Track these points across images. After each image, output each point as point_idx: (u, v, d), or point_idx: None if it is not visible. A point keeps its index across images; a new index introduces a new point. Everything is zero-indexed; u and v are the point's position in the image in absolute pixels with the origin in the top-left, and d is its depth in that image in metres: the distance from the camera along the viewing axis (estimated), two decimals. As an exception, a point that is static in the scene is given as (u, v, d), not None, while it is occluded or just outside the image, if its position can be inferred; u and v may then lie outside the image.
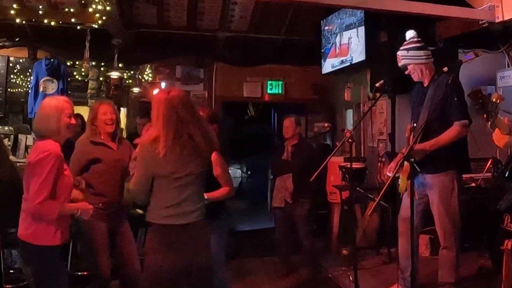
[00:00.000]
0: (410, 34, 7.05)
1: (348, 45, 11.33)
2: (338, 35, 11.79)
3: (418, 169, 6.15)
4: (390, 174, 6.46)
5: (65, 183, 5.52)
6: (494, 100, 4.42)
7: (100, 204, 6.34)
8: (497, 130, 4.71)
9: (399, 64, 6.88)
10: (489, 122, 4.44)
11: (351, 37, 11.17)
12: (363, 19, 10.57)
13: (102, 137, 6.59)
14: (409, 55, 6.75)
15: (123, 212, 6.69)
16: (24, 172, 5.49)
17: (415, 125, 6.56)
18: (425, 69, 6.80)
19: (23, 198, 5.43)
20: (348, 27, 11.33)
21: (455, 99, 6.39)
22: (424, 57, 6.78)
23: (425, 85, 6.87)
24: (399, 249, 7.09)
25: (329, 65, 12.38)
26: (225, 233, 6.54)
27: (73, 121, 5.65)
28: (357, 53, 10.91)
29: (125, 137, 9.89)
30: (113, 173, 6.54)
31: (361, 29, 10.70)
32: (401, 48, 6.93)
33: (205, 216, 5.20)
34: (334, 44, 12.09)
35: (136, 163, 5.21)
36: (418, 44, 6.85)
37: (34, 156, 5.30)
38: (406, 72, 6.91)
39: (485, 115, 4.45)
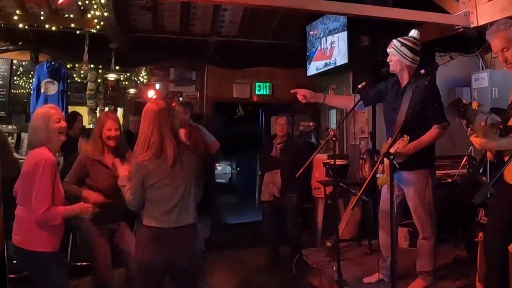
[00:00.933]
0: (413, 33, 6.96)
1: (331, 49, 11.31)
2: (322, 39, 11.78)
3: (397, 166, 6.17)
4: (379, 175, 6.47)
5: (59, 195, 5.49)
6: (473, 107, 4.43)
7: (98, 208, 6.24)
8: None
9: (388, 49, 6.80)
10: (470, 129, 4.44)
11: (334, 41, 11.16)
12: (346, 24, 10.57)
13: (104, 151, 6.59)
14: (400, 50, 6.67)
15: (119, 213, 6.63)
16: (19, 181, 5.44)
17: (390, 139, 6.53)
18: (406, 70, 6.73)
19: (18, 205, 5.37)
20: (332, 32, 11.32)
21: (435, 103, 6.42)
22: (410, 59, 6.69)
23: (402, 85, 6.83)
24: (380, 240, 7.14)
25: (313, 68, 12.38)
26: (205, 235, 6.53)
27: (63, 124, 5.63)
28: (340, 56, 10.90)
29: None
30: (106, 186, 6.48)
31: (344, 34, 10.70)
32: (399, 39, 6.82)
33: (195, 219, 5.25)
34: (318, 48, 12.09)
35: (130, 175, 5.24)
36: (413, 46, 6.75)
37: (30, 164, 5.25)
38: (388, 59, 6.82)
39: (465, 121, 4.46)
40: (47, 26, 10.24)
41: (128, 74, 13.11)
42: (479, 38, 9.61)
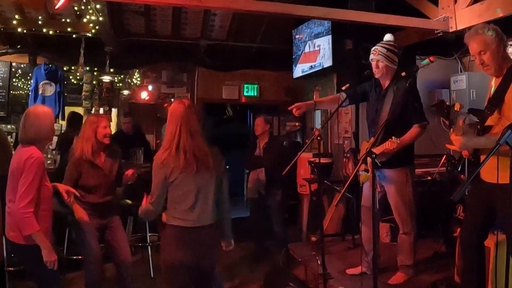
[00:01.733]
0: (389, 36, 7.08)
1: (316, 52, 11.29)
2: (308, 43, 11.75)
3: (379, 164, 6.16)
4: (361, 173, 6.48)
5: (46, 195, 5.43)
6: (456, 109, 4.44)
7: (89, 206, 6.40)
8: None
9: (373, 57, 6.78)
10: (452, 129, 4.43)
11: (319, 45, 11.13)
12: (330, 28, 10.54)
13: (96, 161, 6.56)
14: (386, 54, 6.69)
15: (112, 208, 6.64)
16: (9, 177, 5.38)
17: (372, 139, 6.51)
18: (391, 72, 6.78)
19: (9, 201, 5.30)
20: (317, 36, 11.29)
21: (415, 103, 6.46)
22: (396, 62, 6.79)
23: (384, 87, 6.87)
24: (363, 235, 7.16)
25: (299, 70, 12.35)
26: None
27: (55, 127, 5.65)
28: (325, 59, 10.87)
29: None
30: (100, 185, 6.52)
31: (329, 38, 10.68)
32: (380, 44, 6.86)
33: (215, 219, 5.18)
34: (303, 51, 12.06)
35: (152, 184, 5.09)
36: (395, 49, 6.83)
37: (20, 162, 5.17)
38: (373, 66, 6.82)
39: (447, 122, 4.46)
40: (44, 30, 10.31)
41: (122, 76, 13.10)
42: (458, 42, 9.60)
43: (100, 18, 9.95)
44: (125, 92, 13.25)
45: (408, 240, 6.78)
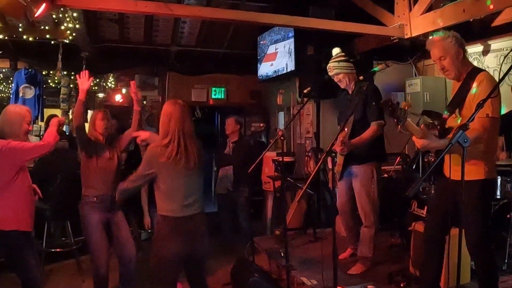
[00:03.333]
0: (336, 50, 7.11)
1: (280, 57, 11.27)
2: (272, 48, 11.73)
3: (336, 160, 6.52)
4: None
5: (25, 182, 5.49)
6: (402, 107, 4.43)
7: (94, 198, 6.32)
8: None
9: (331, 74, 6.95)
10: (399, 126, 4.42)
11: (282, 50, 11.11)
12: (293, 35, 10.52)
13: (99, 138, 6.55)
14: (341, 66, 6.86)
15: (116, 203, 6.49)
16: None
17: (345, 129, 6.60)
18: (352, 78, 6.94)
19: None
20: (280, 42, 11.27)
21: (373, 103, 6.53)
22: (351, 67, 6.93)
23: (350, 92, 7.02)
24: (342, 224, 7.59)
25: (264, 74, 12.31)
26: None
27: (30, 127, 5.67)
28: (288, 64, 10.85)
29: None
30: (106, 169, 6.44)
31: (291, 44, 10.64)
32: (332, 60, 6.99)
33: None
34: (268, 56, 12.04)
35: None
36: (346, 57, 6.97)
37: None
38: (336, 80, 7.01)
39: (395, 120, 4.46)
40: (25, 36, 10.25)
41: (97, 80, 13.13)
42: (413, 47, 9.72)
43: (77, 26, 9.99)
44: (100, 95, 13.34)
45: (369, 233, 6.87)
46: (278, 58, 11.45)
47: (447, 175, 4.88)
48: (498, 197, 6.54)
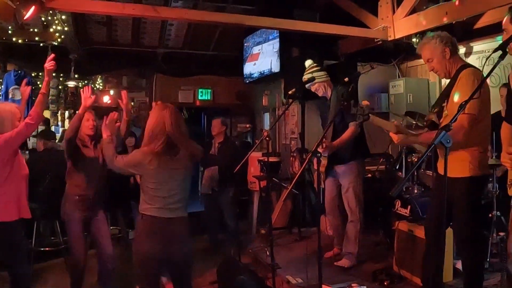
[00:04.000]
0: (309, 62, 7.35)
1: (265, 59, 11.27)
2: (258, 50, 11.72)
3: (322, 161, 6.39)
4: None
5: (22, 170, 5.51)
6: (363, 105, 4.51)
7: (76, 197, 6.29)
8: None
9: (306, 86, 7.08)
10: (358, 123, 4.50)
11: (268, 52, 11.11)
12: (279, 37, 10.53)
13: (85, 140, 6.49)
14: (317, 75, 7.05)
15: (98, 203, 6.49)
16: None
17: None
18: (327, 85, 7.15)
19: None
20: (266, 44, 11.27)
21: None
22: (325, 76, 7.16)
23: (328, 98, 7.20)
24: (330, 223, 7.74)
25: (250, 76, 12.31)
26: None
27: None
28: (273, 65, 10.86)
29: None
30: (90, 170, 6.39)
31: (277, 46, 10.66)
32: (306, 72, 7.22)
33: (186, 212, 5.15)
34: (254, 58, 12.03)
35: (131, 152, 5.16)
36: (318, 67, 7.21)
37: None
38: (313, 90, 7.21)
39: (354, 117, 4.56)
40: (14, 39, 10.21)
41: (86, 82, 12.99)
42: (396, 49, 9.72)
43: (66, 28, 9.90)
44: (89, 96, 13.16)
45: (355, 229, 7.04)
46: (261, 58, 11.53)
47: (438, 171, 4.92)
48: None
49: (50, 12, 8.84)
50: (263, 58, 11.41)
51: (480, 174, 4.74)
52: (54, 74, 11.16)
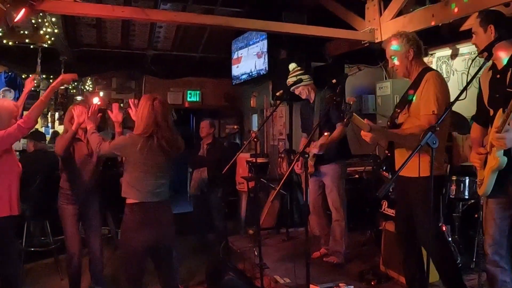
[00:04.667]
0: (292, 65, 7.43)
1: (253, 60, 11.27)
2: (246, 52, 11.72)
3: (312, 162, 6.80)
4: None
5: (16, 167, 5.52)
6: (348, 101, 4.51)
7: (69, 191, 6.35)
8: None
9: (291, 89, 7.22)
10: (345, 119, 4.48)
11: (256, 54, 11.11)
12: (266, 39, 10.53)
13: (79, 134, 6.47)
14: (302, 79, 7.14)
15: (92, 197, 6.52)
16: None
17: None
18: (311, 88, 7.23)
19: None
20: (254, 46, 11.27)
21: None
22: (308, 79, 7.22)
23: (311, 101, 7.27)
24: (316, 222, 7.60)
25: (238, 78, 12.32)
26: None
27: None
28: (261, 67, 10.86)
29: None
30: (83, 166, 6.43)
31: (265, 47, 10.66)
32: (290, 75, 7.30)
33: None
34: (242, 60, 12.03)
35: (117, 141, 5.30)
36: (302, 71, 7.29)
37: None
38: (297, 93, 7.30)
39: (341, 114, 4.55)
40: (4, 41, 10.18)
41: (75, 83, 13.03)
42: (383, 51, 9.67)
43: (56, 30, 9.94)
44: (78, 97, 13.20)
45: (340, 227, 7.06)
46: (245, 60, 11.67)
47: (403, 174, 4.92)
48: (466, 197, 6.60)
49: (40, 14, 8.84)
50: (248, 60, 11.49)
51: (437, 174, 4.73)
52: (44, 76, 11.18)
